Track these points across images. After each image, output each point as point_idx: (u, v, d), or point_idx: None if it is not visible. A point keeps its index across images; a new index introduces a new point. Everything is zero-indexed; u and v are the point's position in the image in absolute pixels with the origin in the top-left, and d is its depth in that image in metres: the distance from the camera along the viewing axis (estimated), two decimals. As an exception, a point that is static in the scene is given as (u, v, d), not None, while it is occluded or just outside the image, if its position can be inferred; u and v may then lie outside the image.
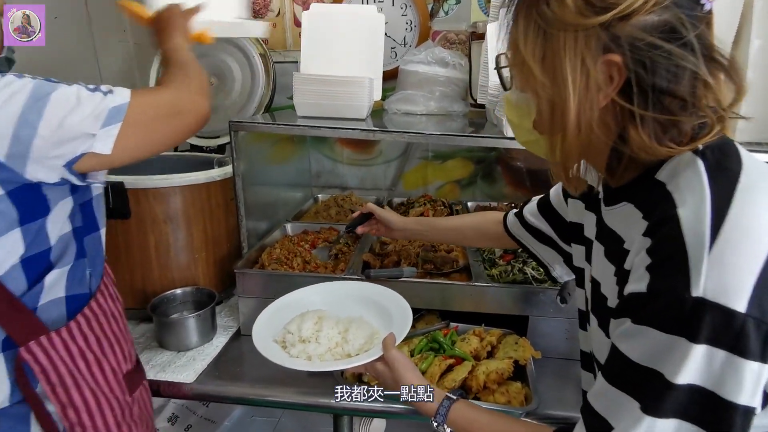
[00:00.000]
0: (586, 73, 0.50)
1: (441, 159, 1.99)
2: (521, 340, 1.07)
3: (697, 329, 0.43)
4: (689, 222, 0.46)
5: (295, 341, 0.89)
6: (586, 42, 0.49)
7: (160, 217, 1.18)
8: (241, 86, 1.64)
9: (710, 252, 0.44)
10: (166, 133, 0.78)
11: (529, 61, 0.53)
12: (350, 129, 1.11)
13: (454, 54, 1.54)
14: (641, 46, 0.48)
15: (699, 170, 0.49)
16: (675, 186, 0.50)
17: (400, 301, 0.96)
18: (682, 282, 0.44)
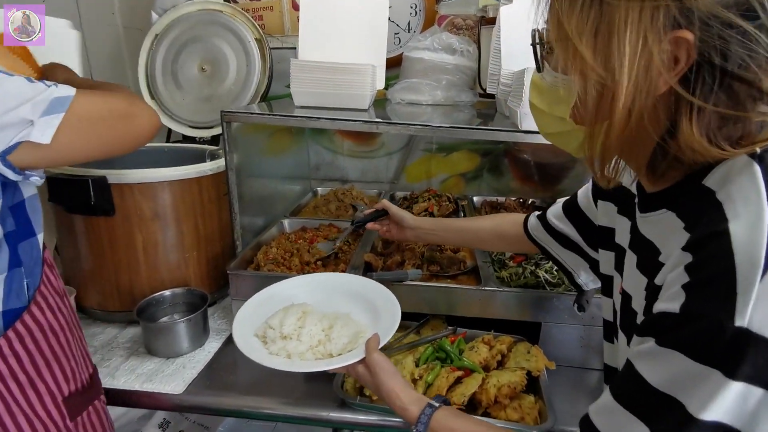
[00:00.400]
0: (648, 52, 0.43)
1: (445, 151, 1.91)
2: (533, 348, 1.00)
3: (737, 363, 0.38)
4: (742, 240, 0.40)
5: (276, 337, 0.84)
6: (653, 15, 0.42)
7: (147, 214, 1.10)
8: (235, 74, 1.55)
9: (763, 277, 0.38)
10: (115, 136, 0.74)
11: (579, 36, 0.46)
12: (351, 120, 1.03)
13: (462, 40, 1.45)
14: (716, 23, 0.41)
15: (756, 178, 0.42)
16: (726, 195, 0.43)
17: (390, 299, 0.90)
18: (725, 308, 0.39)
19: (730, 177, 0.44)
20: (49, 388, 0.72)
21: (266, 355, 0.81)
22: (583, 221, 0.81)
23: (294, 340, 0.82)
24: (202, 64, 1.56)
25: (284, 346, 0.82)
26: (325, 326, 0.85)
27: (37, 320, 0.72)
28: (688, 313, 0.41)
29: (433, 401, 0.69)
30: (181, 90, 1.58)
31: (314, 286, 0.99)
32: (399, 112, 1.37)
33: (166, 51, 1.57)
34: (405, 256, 1.19)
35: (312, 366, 0.78)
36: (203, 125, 1.58)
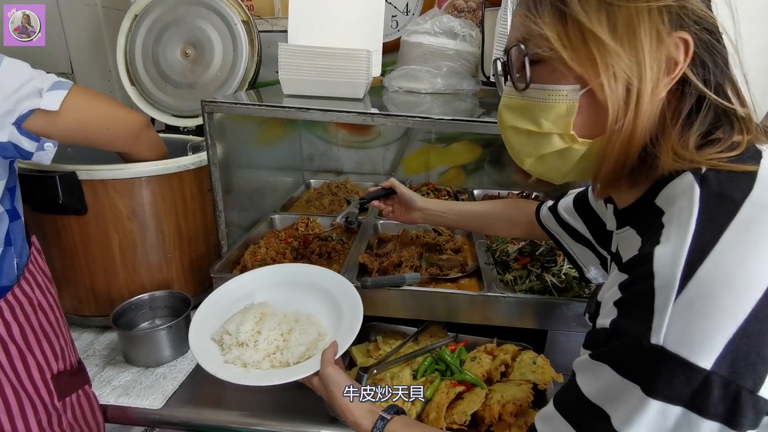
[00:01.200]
0: (662, 51, 0.44)
1: (445, 142, 1.82)
2: (539, 358, 0.94)
3: (653, 381, 0.40)
4: (663, 262, 0.41)
5: (232, 344, 0.80)
6: (660, 14, 0.44)
7: (123, 213, 1.01)
8: (221, 59, 1.44)
9: (677, 298, 0.39)
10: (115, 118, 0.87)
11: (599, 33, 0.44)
12: (344, 112, 0.94)
13: (464, 23, 1.35)
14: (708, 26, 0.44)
15: (693, 200, 0.42)
16: (668, 218, 0.44)
17: (354, 299, 0.85)
18: (643, 326, 0.40)
19: (675, 198, 0.45)
20: (38, 362, 0.74)
21: (221, 365, 0.78)
22: (593, 218, 0.78)
23: (250, 348, 0.79)
24: (185, 48, 1.46)
25: (240, 354, 0.78)
26: (285, 330, 0.82)
27: (27, 294, 0.75)
28: (615, 329, 0.44)
29: (384, 413, 0.67)
30: (164, 76, 1.48)
31: (279, 278, 0.95)
32: (396, 101, 1.28)
33: (147, 33, 1.46)
34: (402, 257, 1.11)
35: (267, 379, 0.74)
36: (187, 114, 1.49)
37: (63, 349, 0.79)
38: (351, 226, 1.29)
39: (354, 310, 0.83)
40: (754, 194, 0.41)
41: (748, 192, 0.41)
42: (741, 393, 0.37)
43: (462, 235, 1.31)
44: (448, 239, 1.23)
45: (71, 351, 0.84)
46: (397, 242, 1.21)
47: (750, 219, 0.40)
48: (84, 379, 0.86)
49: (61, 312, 0.83)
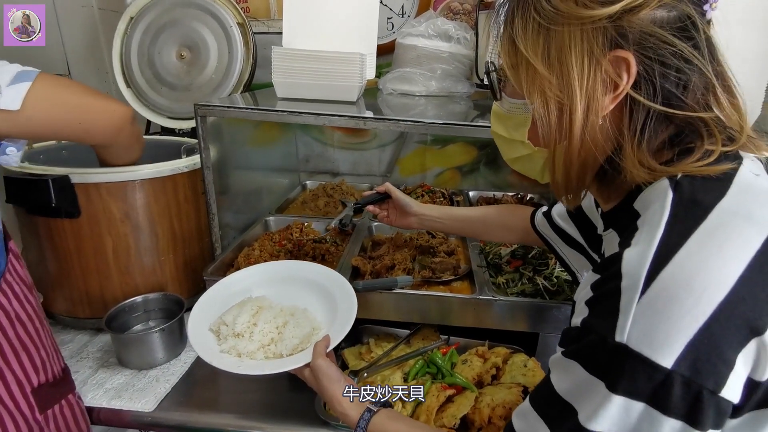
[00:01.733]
0: (594, 70, 0.46)
1: (441, 144, 1.82)
2: (530, 361, 0.94)
3: (616, 377, 0.41)
4: (630, 264, 0.43)
5: (228, 334, 0.82)
6: (594, 36, 0.45)
7: (116, 216, 1.02)
8: (216, 61, 1.45)
9: (641, 298, 0.40)
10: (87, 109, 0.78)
11: (533, 60, 0.48)
12: (336, 115, 0.95)
13: (459, 26, 1.36)
14: (651, 42, 0.44)
15: (665, 204, 0.44)
16: (642, 221, 0.46)
17: (350, 296, 0.87)
18: (609, 324, 0.42)
19: (650, 203, 0.46)
20: (17, 377, 0.70)
21: (216, 354, 0.79)
22: (586, 223, 0.78)
23: (245, 339, 0.81)
24: (181, 50, 1.46)
25: (235, 345, 0.80)
26: (280, 323, 0.83)
27: (3, 308, 0.70)
28: (584, 327, 0.45)
29: (371, 406, 0.69)
30: (159, 78, 1.48)
31: (277, 274, 0.97)
32: (391, 104, 1.29)
33: (142, 35, 1.46)
34: (395, 260, 1.12)
35: (259, 369, 0.76)
36: (183, 116, 1.49)
37: (44, 361, 0.76)
38: (345, 229, 1.30)
39: (348, 307, 0.84)
40: (725, 201, 0.42)
41: (719, 198, 0.43)
42: (702, 393, 0.38)
43: (456, 237, 1.31)
44: (442, 242, 1.24)
45: (54, 360, 0.80)
46: (391, 245, 1.21)
47: (717, 224, 0.41)
48: (68, 387, 0.82)
49: (42, 320, 0.78)
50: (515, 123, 0.56)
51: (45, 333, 0.79)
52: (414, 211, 1.03)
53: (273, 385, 0.97)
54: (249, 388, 0.96)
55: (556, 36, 0.47)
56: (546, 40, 0.47)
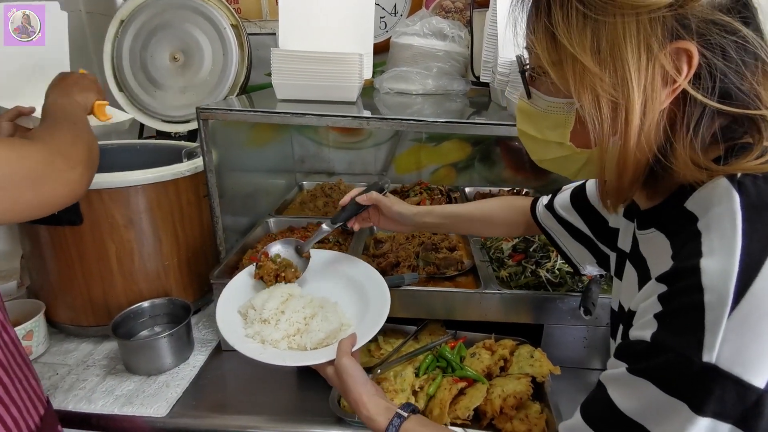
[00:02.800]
0: (652, 65, 0.42)
1: (436, 141, 1.84)
2: (537, 352, 0.96)
3: (704, 399, 0.38)
4: (713, 276, 0.39)
5: (255, 319, 0.82)
6: (652, 26, 0.41)
7: (119, 222, 1.01)
8: (211, 63, 1.44)
9: (731, 315, 0.37)
10: (14, 201, 0.59)
11: (581, 56, 0.44)
12: (340, 116, 0.95)
13: (453, 24, 1.37)
14: (715, 30, 0.41)
15: (734, 208, 0.41)
16: (705, 226, 0.42)
17: (384, 298, 0.85)
18: (693, 343, 0.38)
19: (711, 203, 0.43)
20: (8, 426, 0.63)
21: (241, 337, 0.79)
22: (592, 214, 0.77)
23: (271, 326, 0.80)
24: (174, 52, 1.45)
25: (260, 330, 0.80)
26: (308, 314, 0.83)
27: None
28: (657, 344, 0.41)
29: (401, 410, 0.65)
30: (153, 81, 1.46)
31: (318, 263, 0.95)
32: (388, 103, 1.30)
33: (134, 38, 1.45)
34: (399, 257, 1.13)
35: (281, 359, 0.75)
36: (178, 119, 1.48)
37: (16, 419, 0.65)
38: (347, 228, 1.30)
39: (381, 307, 0.82)
40: None
41: None
42: None
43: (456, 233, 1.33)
44: (443, 238, 1.25)
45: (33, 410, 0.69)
46: (394, 242, 1.23)
47: None
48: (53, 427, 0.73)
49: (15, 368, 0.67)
50: (553, 123, 0.51)
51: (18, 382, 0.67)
52: (408, 221, 0.91)
53: (282, 384, 0.98)
54: (259, 389, 0.97)
55: (607, 28, 0.42)
56: (594, 32, 0.43)
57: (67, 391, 0.93)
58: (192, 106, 1.45)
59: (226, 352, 1.07)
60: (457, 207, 0.98)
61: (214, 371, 1.02)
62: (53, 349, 1.06)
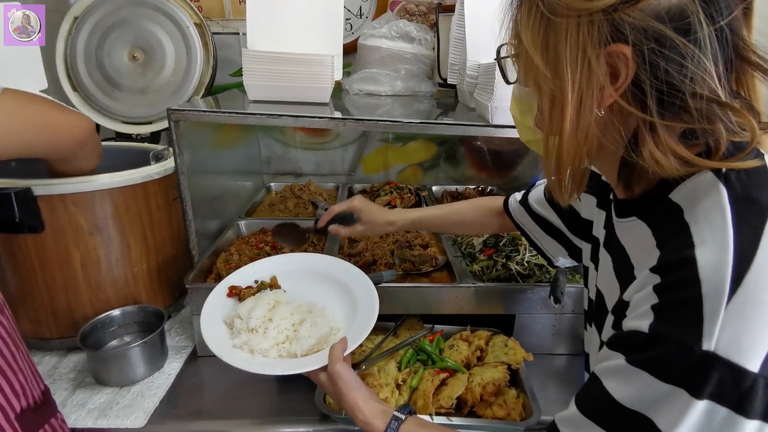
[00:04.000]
0: (587, 65, 0.44)
1: (402, 141, 1.88)
2: (510, 341, 1.01)
3: (703, 384, 0.39)
4: (709, 268, 0.41)
5: (242, 329, 0.80)
6: (590, 29, 0.44)
7: (84, 228, 0.97)
8: (174, 62, 1.40)
9: (728, 305, 0.39)
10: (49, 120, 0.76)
11: (531, 51, 0.48)
12: (318, 117, 0.96)
13: (419, 28, 1.41)
14: (651, 36, 0.42)
15: (722, 201, 0.43)
16: (693, 217, 0.44)
17: (372, 297, 0.86)
18: (692, 333, 0.40)
19: (697, 196, 0.45)
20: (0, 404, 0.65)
21: (228, 348, 0.77)
22: (567, 209, 0.80)
23: (259, 335, 0.79)
24: (133, 51, 1.39)
25: (248, 340, 0.78)
26: (296, 320, 0.81)
27: None
28: (656, 335, 0.42)
29: (398, 413, 0.66)
30: (110, 81, 1.40)
31: (300, 267, 0.94)
32: (358, 104, 1.31)
33: (89, 36, 1.38)
34: (375, 255, 1.15)
35: (271, 368, 0.74)
36: (139, 120, 1.42)
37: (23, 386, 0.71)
38: None
39: (370, 310, 0.82)
40: None
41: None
42: None
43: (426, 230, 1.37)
44: (416, 236, 1.28)
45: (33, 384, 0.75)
46: (368, 241, 1.24)
47: None
48: (50, 410, 0.77)
49: (17, 342, 0.73)
50: (524, 108, 0.57)
51: (22, 354, 0.73)
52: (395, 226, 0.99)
53: (264, 387, 0.98)
54: (240, 393, 0.96)
55: (555, 27, 0.45)
56: (546, 31, 0.46)
57: (33, 408, 0.88)
58: (154, 107, 1.42)
59: (202, 358, 1.05)
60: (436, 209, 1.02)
61: (192, 378, 1.00)
62: (12, 365, 1.00)
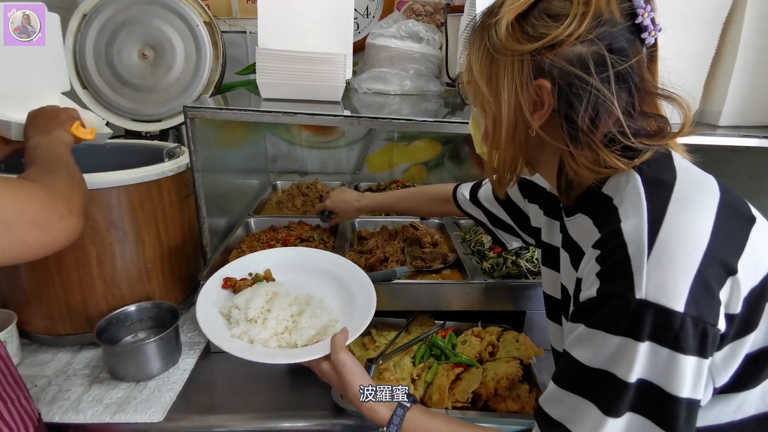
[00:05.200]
0: (517, 94, 0.56)
1: (407, 140, 1.89)
2: (521, 337, 1.03)
3: (641, 328, 0.47)
4: (631, 233, 0.51)
5: (240, 319, 0.80)
6: (521, 66, 0.55)
7: (101, 224, 0.97)
8: (184, 61, 1.40)
9: (649, 258, 0.48)
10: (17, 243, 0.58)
11: (478, 80, 0.59)
12: (332, 116, 0.97)
13: (427, 28, 1.42)
14: (565, 74, 0.53)
15: (637, 185, 0.54)
16: (620, 201, 0.55)
17: (369, 290, 0.87)
18: (627, 286, 0.48)
19: (620, 185, 0.56)
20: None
21: (227, 338, 0.77)
22: (515, 210, 0.90)
23: (258, 325, 0.79)
24: (143, 49, 1.40)
25: (247, 330, 0.78)
26: (295, 311, 0.82)
27: None
28: (602, 294, 0.51)
29: (403, 401, 0.68)
30: (120, 78, 1.41)
31: (294, 261, 0.95)
32: (367, 103, 1.33)
33: (98, 34, 1.38)
34: (386, 252, 1.16)
35: (272, 357, 0.75)
36: (149, 118, 1.43)
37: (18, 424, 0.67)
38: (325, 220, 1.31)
39: (367, 300, 0.83)
40: (679, 178, 0.54)
41: (674, 177, 0.54)
42: (707, 328, 0.47)
43: (436, 228, 1.38)
44: (425, 233, 1.30)
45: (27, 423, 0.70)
46: (379, 238, 1.26)
47: (683, 195, 0.52)
48: None
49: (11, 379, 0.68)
50: (477, 126, 0.68)
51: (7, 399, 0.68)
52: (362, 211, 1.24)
53: (276, 382, 0.98)
54: (253, 389, 0.96)
55: (497, 63, 0.56)
56: (490, 65, 0.57)
57: (50, 403, 0.88)
58: (163, 105, 1.43)
59: (215, 354, 1.06)
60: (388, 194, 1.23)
61: (206, 374, 1.00)
62: (27, 361, 1.00)
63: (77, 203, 0.67)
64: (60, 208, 0.63)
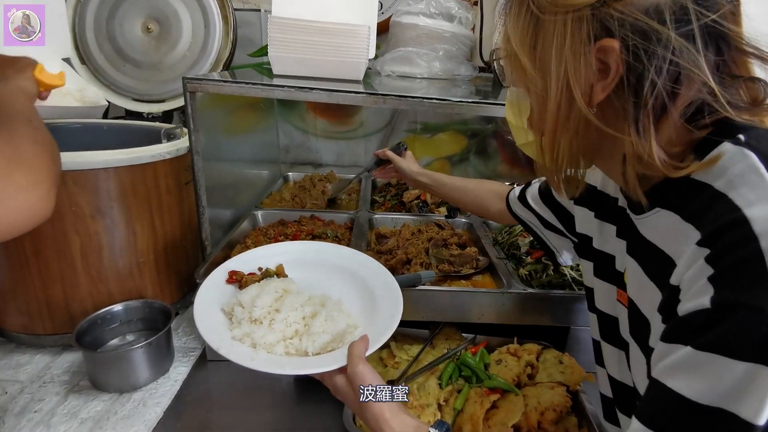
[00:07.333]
0: (574, 62, 0.45)
1: (430, 132, 1.75)
2: (565, 357, 0.88)
3: None
4: (763, 221, 0.38)
5: (243, 318, 0.68)
6: (577, 26, 0.44)
7: (86, 211, 0.85)
8: (191, 36, 1.28)
9: None
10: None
11: (519, 52, 0.48)
12: (353, 92, 0.83)
13: (460, 5, 1.28)
14: (639, 31, 0.42)
15: (754, 163, 0.41)
16: (728, 185, 0.42)
17: (394, 293, 0.73)
18: (759, 293, 0.36)
19: (723, 168, 0.43)
20: None
21: (227, 340, 0.65)
22: (560, 210, 0.79)
23: (264, 327, 0.67)
24: (147, 22, 1.28)
25: (250, 332, 0.66)
26: (307, 313, 0.69)
27: None
28: (720, 305, 0.38)
29: (434, 429, 0.56)
30: (121, 53, 1.29)
31: (309, 256, 0.82)
32: (390, 87, 1.18)
33: (99, 5, 1.27)
34: (409, 254, 1.03)
35: (278, 366, 0.62)
36: (152, 98, 1.31)
37: None
38: None
39: (392, 305, 0.70)
40: None
41: None
42: None
43: (463, 228, 1.24)
44: (452, 233, 1.16)
45: None
46: (399, 237, 1.12)
47: None
48: None
49: None
50: (517, 110, 0.57)
51: None
52: (408, 177, 1.08)
53: (280, 398, 0.86)
54: (253, 405, 0.84)
55: (544, 26, 0.46)
56: (535, 31, 0.47)
57: (19, 415, 0.76)
58: (167, 84, 1.31)
59: (212, 363, 0.93)
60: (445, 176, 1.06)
61: (200, 385, 0.88)
62: (1, 363, 0.89)
63: (44, 171, 0.54)
64: (17, 177, 0.50)
